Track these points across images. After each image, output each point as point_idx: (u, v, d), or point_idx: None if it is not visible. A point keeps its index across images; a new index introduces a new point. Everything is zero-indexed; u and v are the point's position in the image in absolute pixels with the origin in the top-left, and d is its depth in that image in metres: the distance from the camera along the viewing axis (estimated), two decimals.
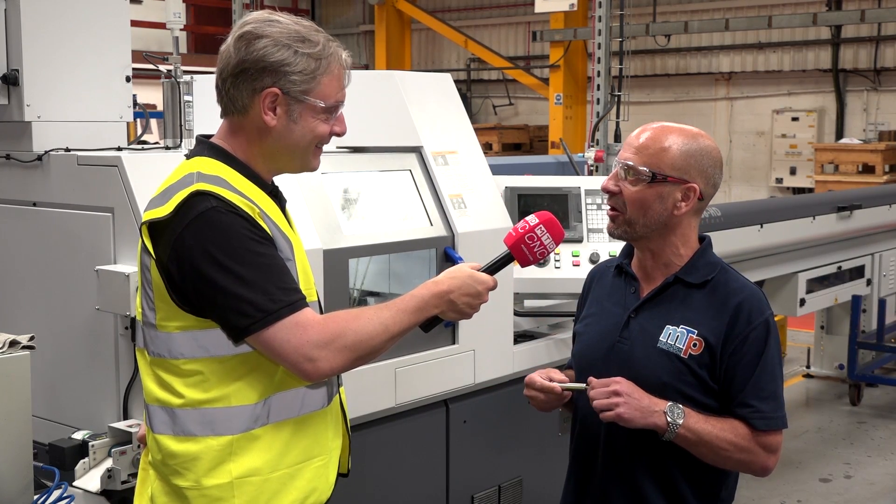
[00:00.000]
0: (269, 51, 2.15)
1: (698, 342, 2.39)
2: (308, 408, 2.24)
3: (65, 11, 3.33)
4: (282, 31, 2.17)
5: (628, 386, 2.36)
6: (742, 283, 2.47)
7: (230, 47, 2.19)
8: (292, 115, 2.19)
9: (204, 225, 2.07)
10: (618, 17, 9.68)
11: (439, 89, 3.80)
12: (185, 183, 2.13)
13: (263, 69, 2.16)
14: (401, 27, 16.19)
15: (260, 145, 2.22)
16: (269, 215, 2.17)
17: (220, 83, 2.22)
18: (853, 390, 7.50)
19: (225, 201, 2.09)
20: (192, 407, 2.15)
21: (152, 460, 2.24)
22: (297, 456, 2.22)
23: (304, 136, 2.22)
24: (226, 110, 2.24)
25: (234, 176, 2.18)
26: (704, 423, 2.36)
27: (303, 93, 2.18)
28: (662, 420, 2.34)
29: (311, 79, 2.18)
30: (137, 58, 3.59)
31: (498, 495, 3.87)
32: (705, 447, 2.36)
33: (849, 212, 6.52)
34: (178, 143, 3.34)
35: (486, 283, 2.32)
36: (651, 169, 2.41)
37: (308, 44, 2.18)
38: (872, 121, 15.27)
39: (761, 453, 2.39)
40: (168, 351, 2.16)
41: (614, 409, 2.34)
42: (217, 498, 2.15)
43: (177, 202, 2.09)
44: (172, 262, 2.09)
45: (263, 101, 2.17)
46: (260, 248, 2.09)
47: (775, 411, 2.39)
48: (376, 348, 2.18)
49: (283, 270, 2.13)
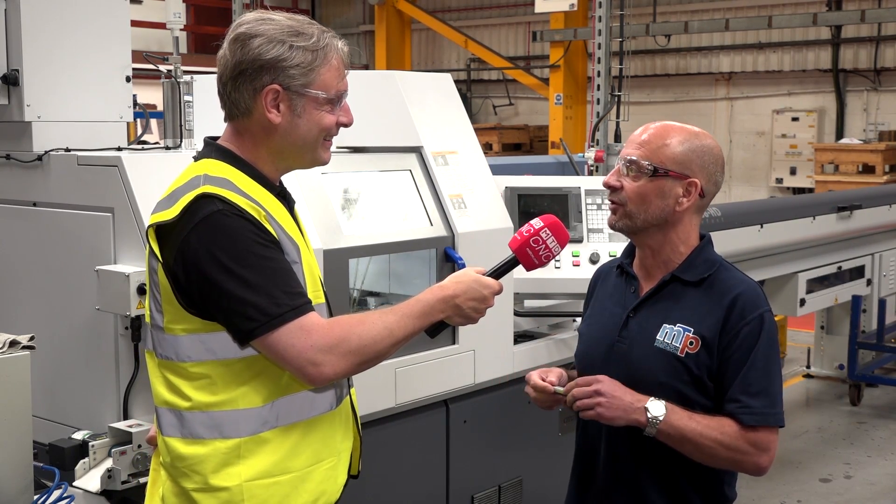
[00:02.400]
0: (264, 49, 2.15)
1: (695, 340, 2.39)
2: (317, 410, 2.24)
3: (65, 11, 3.33)
4: (275, 28, 2.17)
5: (610, 385, 2.36)
6: (739, 279, 2.46)
7: (226, 51, 2.19)
8: (296, 109, 2.19)
9: (209, 228, 2.07)
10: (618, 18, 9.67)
11: (439, 89, 3.80)
12: (191, 186, 2.13)
13: (261, 67, 2.16)
14: (401, 27, 16.19)
15: (267, 145, 2.22)
16: (276, 218, 2.17)
17: (221, 88, 2.22)
18: (853, 390, 7.50)
19: (231, 204, 2.09)
20: (200, 410, 2.15)
21: (163, 462, 2.24)
22: (306, 459, 2.21)
23: (311, 130, 2.22)
24: (230, 114, 2.24)
25: (242, 178, 2.18)
26: (688, 420, 2.34)
27: (303, 86, 2.18)
28: (643, 416, 2.33)
29: (310, 71, 2.18)
30: (137, 58, 3.59)
31: (498, 495, 3.86)
32: (690, 444, 2.35)
33: (849, 212, 6.52)
34: (178, 144, 3.34)
35: (492, 288, 2.32)
36: (652, 163, 2.41)
37: (302, 37, 2.18)
38: (872, 121, 15.26)
39: (751, 451, 2.35)
40: (175, 354, 2.16)
41: (594, 409, 2.34)
42: (226, 500, 2.14)
43: (183, 205, 2.09)
44: (178, 264, 2.10)
45: (265, 99, 2.17)
46: (265, 252, 2.09)
47: (766, 408, 2.35)
48: (381, 353, 2.17)
49: (289, 274, 2.13)
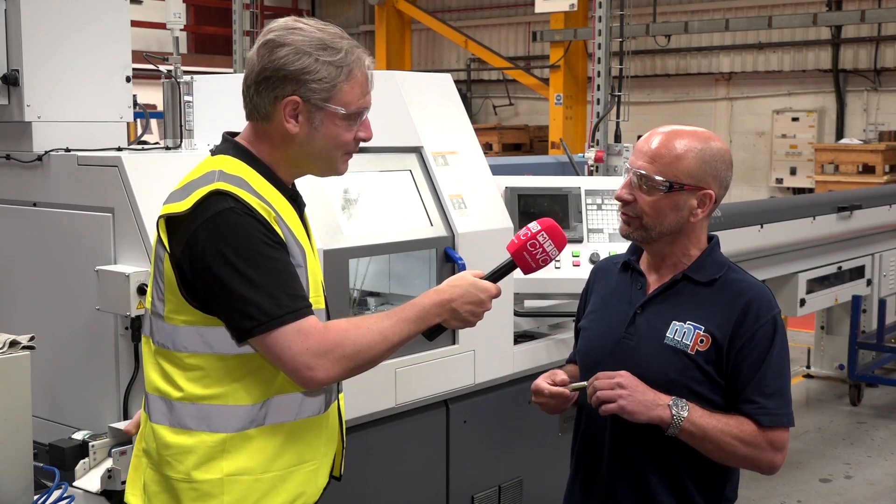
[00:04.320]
0: (290, 59, 2.16)
1: (705, 338, 2.40)
2: (304, 413, 2.25)
3: (65, 12, 3.33)
4: (304, 39, 2.18)
5: (632, 380, 2.37)
6: (750, 282, 2.48)
7: (254, 54, 2.21)
8: (314, 122, 2.20)
9: (219, 224, 2.08)
10: (618, 18, 9.66)
11: (439, 89, 3.80)
12: (206, 180, 2.15)
13: (285, 77, 2.17)
14: (401, 27, 16.18)
15: (284, 152, 2.24)
16: (286, 220, 2.18)
17: (245, 89, 2.24)
18: (853, 390, 7.50)
19: (242, 203, 2.10)
20: (190, 401, 2.17)
21: (147, 448, 2.26)
22: (289, 459, 2.22)
23: (327, 144, 2.24)
24: (250, 115, 2.25)
25: (256, 178, 2.19)
26: (709, 418, 2.35)
27: (323, 100, 2.19)
28: (667, 414, 2.34)
29: (332, 87, 2.19)
30: (137, 58, 3.59)
31: (498, 495, 3.86)
32: (710, 442, 2.36)
33: (849, 212, 6.51)
34: (179, 144, 3.34)
35: (489, 291, 2.31)
36: (667, 179, 2.39)
37: (330, 51, 2.18)
38: (872, 121, 15.27)
39: (768, 450, 2.38)
40: (172, 343, 2.18)
41: (617, 402, 2.34)
42: (206, 493, 2.16)
43: (196, 199, 2.11)
44: (185, 257, 2.11)
45: (284, 109, 2.18)
46: (272, 253, 2.10)
47: (781, 408, 2.38)
48: (374, 358, 2.18)
49: (293, 276, 2.14)
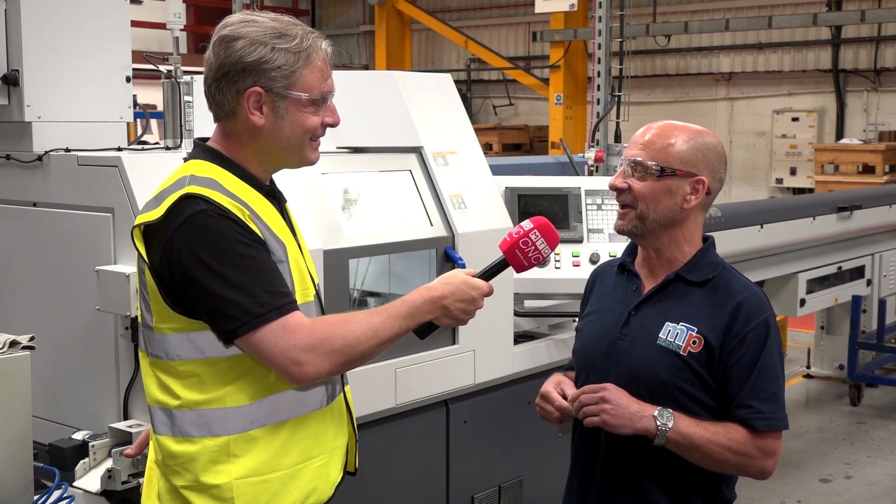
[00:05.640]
0: (246, 51, 2.16)
1: (698, 340, 2.39)
2: (307, 408, 2.24)
3: (65, 12, 3.33)
4: (258, 30, 2.18)
5: (616, 393, 2.36)
6: (743, 284, 2.47)
7: (210, 53, 2.21)
8: (279, 111, 2.20)
9: (193, 227, 2.08)
10: (618, 18, 9.67)
11: (439, 89, 3.80)
12: (177, 186, 2.14)
13: (243, 69, 2.17)
14: (401, 27, 16.18)
15: (253, 146, 2.23)
16: (262, 217, 2.17)
17: (207, 90, 2.23)
18: (853, 390, 7.50)
19: (214, 204, 2.09)
20: (189, 408, 2.16)
21: (156, 460, 2.26)
22: (296, 456, 2.22)
23: (295, 131, 2.23)
24: (216, 116, 2.25)
25: (228, 178, 2.18)
26: (696, 427, 2.34)
27: (285, 88, 2.19)
28: (652, 425, 2.33)
29: (292, 73, 2.19)
30: (137, 58, 3.59)
31: (498, 495, 3.86)
32: (698, 452, 2.35)
33: (849, 212, 6.51)
34: (179, 144, 3.34)
35: (481, 289, 2.31)
36: (659, 163, 2.41)
37: (285, 38, 2.19)
38: (872, 121, 15.27)
39: (758, 456, 2.37)
40: (165, 352, 2.17)
41: (600, 416, 2.34)
42: (217, 498, 2.16)
43: (168, 205, 2.10)
44: (163, 264, 2.11)
45: (248, 101, 2.18)
46: (248, 251, 2.10)
47: (775, 412, 2.37)
48: (365, 353, 2.17)
49: (273, 273, 2.13)
